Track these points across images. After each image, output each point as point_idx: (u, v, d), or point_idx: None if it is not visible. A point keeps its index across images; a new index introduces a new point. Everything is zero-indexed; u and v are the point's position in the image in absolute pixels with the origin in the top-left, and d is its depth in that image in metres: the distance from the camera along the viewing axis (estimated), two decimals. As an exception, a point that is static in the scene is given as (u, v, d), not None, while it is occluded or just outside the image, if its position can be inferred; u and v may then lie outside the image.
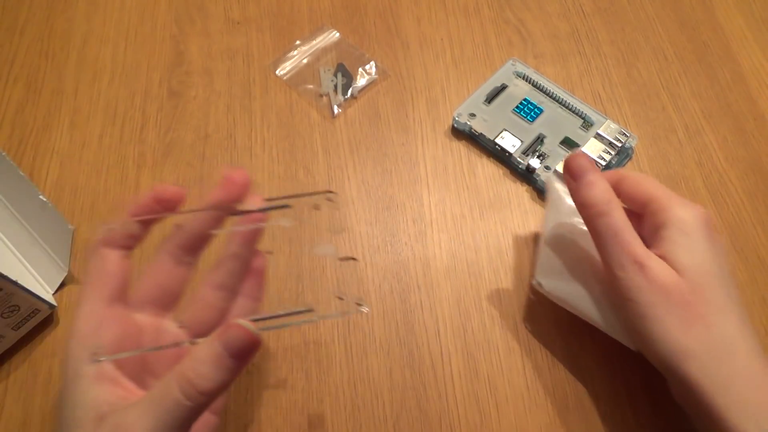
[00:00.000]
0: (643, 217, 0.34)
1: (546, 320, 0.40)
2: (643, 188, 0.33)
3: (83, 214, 0.44)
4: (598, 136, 0.45)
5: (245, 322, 0.24)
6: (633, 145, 0.45)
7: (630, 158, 0.46)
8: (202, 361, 0.23)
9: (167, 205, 0.29)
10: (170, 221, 0.30)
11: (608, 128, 0.45)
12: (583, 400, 0.37)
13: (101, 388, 0.25)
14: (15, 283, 0.35)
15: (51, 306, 0.39)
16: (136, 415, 0.24)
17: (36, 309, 0.38)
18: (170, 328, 0.31)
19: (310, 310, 0.29)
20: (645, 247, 0.31)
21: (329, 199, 0.32)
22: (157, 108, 0.49)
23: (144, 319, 0.30)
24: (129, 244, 0.29)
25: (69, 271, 0.41)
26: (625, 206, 0.34)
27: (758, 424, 0.27)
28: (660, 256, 0.31)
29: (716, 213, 0.44)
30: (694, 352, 0.29)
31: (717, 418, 0.28)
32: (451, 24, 0.53)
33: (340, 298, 0.32)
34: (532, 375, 0.38)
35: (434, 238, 0.43)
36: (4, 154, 0.39)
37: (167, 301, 0.31)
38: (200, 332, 0.30)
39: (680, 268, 0.30)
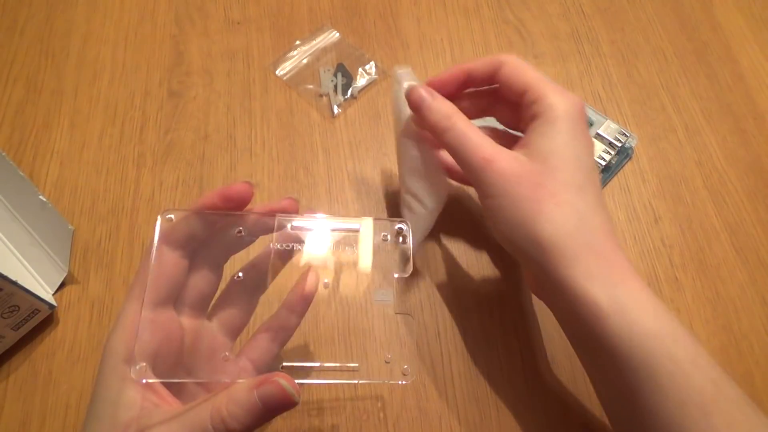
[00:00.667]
0: (520, 107, 0.34)
1: (546, 320, 0.40)
2: (521, 76, 0.33)
3: (83, 214, 0.44)
4: (598, 136, 0.45)
5: (285, 382, 0.25)
6: (633, 145, 0.45)
7: (630, 158, 0.46)
8: (238, 404, 0.24)
9: (234, 204, 0.29)
10: (233, 224, 0.29)
11: (608, 128, 0.45)
12: (583, 400, 0.37)
13: (136, 391, 0.26)
14: (15, 283, 0.35)
15: (51, 306, 0.39)
16: (165, 429, 0.25)
17: (36, 309, 0.38)
18: (208, 329, 0.31)
19: (355, 370, 0.28)
20: (494, 145, 0.32)
21: (399, 231, 0.30)
22: (157, 108, 0.49)
23: (186, 321, 0.30)
24: (188, 244, 0.29)
25: (69, 271, 0.41)
26: (504, 96, 0.35)
27: (606, 291, 0.28)
28: (523, 146, 0.32)
29: (716, 213, 0.44)
30: (544, 230, 0.29)
31: (567, 290, 0.29)
32: (451, 24, 0.53)
33: (387, 361, 0.30)
34: (532, 375, 0.38)
35: (434, 238, 0.43)
36: (4, 154, 0.39)
37: (204, 304, 0.31)
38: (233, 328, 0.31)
39: (537, 154, 0.31)
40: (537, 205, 0.30)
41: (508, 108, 0.36)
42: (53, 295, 0.40)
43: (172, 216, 0.29)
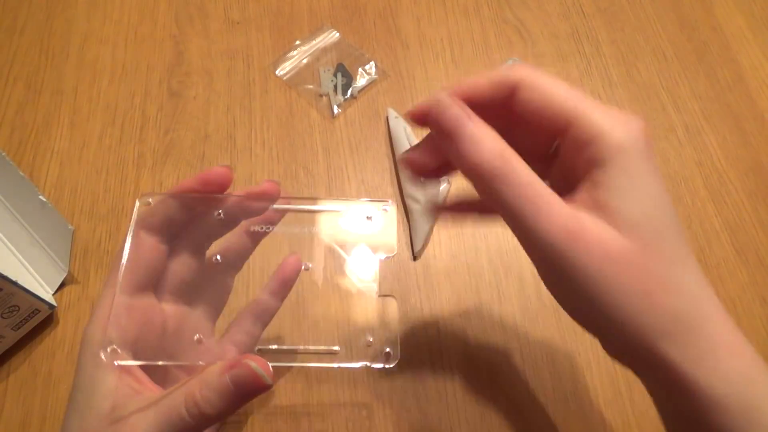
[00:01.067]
0: (559, 142, 0.25)
1: (546, 320, 0.40)
2: (550, 102, 0.24)
3: (83, 214, 0.44)
4: (598, 136, 0.45)
5: (255, 365, 0.24)
6: (633, 145, 0.45)
7: (630, 158, 0.46)
8: (211, 388, 0.24)
9: (214, 188, 0.28)
10: (213, 208, 0.29)
11: (608, 128, 0.45)
12: (583, 399, 0.37)
13: (118, 378, 0.25)
14: (15, 283, 0.35)
15: (51, 306, 0.39)
16: (141, 417, 0.24)
17: (36, 309, 0.38)
18: (191, 314, 0.31)
19: (334, 353, 0.27)
20: (566, 205, 0.23)
21: (385, 210, 0.29)
22: (157, 108, 0.49)
23: (168, 307, 0.29)
24: (167, 229, 0.28)
25: (69, 271, 0.41)
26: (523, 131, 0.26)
27: (740, 395, 0.22)
28: (598, 208, 0.23)
29: (716, 213, 0.44)
30: (657, 328, 0.22)
31: (693, 394, 0.22)
32: (451, 24, 0.53)
33: (369, 344, 0.29)
34: (532, 374, 0.38)
35: (434, 238, 0.43)
36: (4, 154, 0.39)
37: (186, 290, 0.30)
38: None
39: (625, 223, 0.22)
40: (647, 299, 0.22)
41: (528, 135, 0.26)
42: (53, 295, 0.40)
43: (151, 200, 0.28)
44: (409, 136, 0.45)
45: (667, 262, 0.23)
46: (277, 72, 0.50)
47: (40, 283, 0.40)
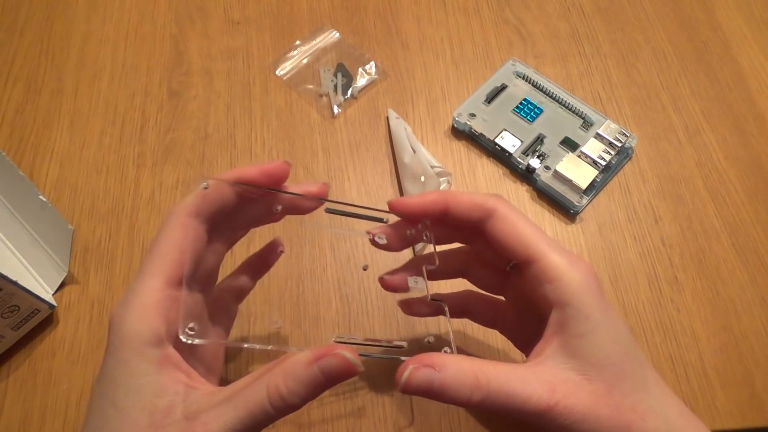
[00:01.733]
0: (518, 266, 0.29)
1: (546, 320, 0.40)
2: (519, 236, 0.28)
3: (83, 214, 0.44)
4: (598, 136, 0.45)
5: (349, 354, 0.24)
6: (633, 145, 0.45)
7: (630, 158, 0.46)
8: (298, 379, 0.24)
9: (272, 181, 0.28)
10: (266, 202, 0.29)
11: (608, 128, 0.45)
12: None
13: (168, 375, 0.24)
14: (15, 283, 0.35)
15: (51, 306, 0.39)
16: (218, 411, 0.23)
17: (36, 309, 0.38)
18: (221, 298, 0.32)
19: (401, 347, 0.28)
20: (546, 381, 0.25)
21: (425, 226, 0.30)
22: (157, 108, 0.49)
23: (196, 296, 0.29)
24: (215, 216, 0.27)
25: (69, 271, 0.41)
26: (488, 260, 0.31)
27: None
28: (567, 355, 0.26)
29: (716, 213, 0.44)
30: None
31: None
32: (451, 24, 0.53)
33: (429, 342, 0.30)
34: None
35: (434, 238, 0.43)
36: (4, 154, 0.39)
37: (213, 277, 0.31)
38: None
39: (593, 368, 0.26)
40: (627, 430, 0.25)
41: (488, 271, 0.32)
42: (53, 295, 0.40)
43: (207, 184, 0.27)
44: (409, 137, 0.45)
45: (632, 392, 0.26)
46: (277, 72, 0.50)
47: (40, 283, 0.40)
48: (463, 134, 0.47)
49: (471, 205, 0.29)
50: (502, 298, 0.34)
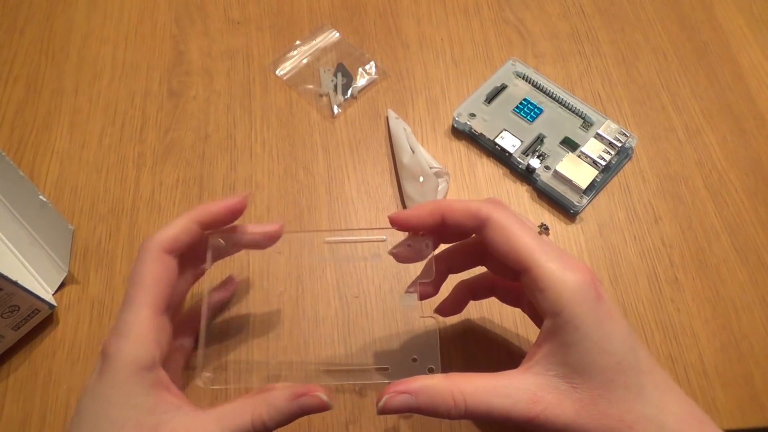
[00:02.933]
0: (519, 280, 0.29)
1: (546, 320, 0.40)
2: (511, 245, 0.28)
3: (83, 214, 0.44)
4: (598, 136, 0.45)
5: (324, 395, 0.27)
6: (633, 145, 0.45)
7: (630, 158, 0.46)
8: (279, 411, 0.27)
9: (236, 215, 0.32)
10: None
11: (608, 128, 0.45)
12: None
13: (159, 396, 0.27)
14: (15, 283, 0.35)
15: (51, 306, 0.39)
16: (205, 425, 0.27)
17: (36, 309, 0.38)
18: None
19: (385, 369, 0.30)
20: (529, 390, 0.26)
21: (427, 245, 0.32)
22: (157, 108, 0.49)
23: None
24: (185, 251, 0.30)
25: (69, 271, 0.41)
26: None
27: None
28: (558, 364, 0.27)
29: (716, 213, 0.44)
30: None
31: None
32: (451, 24, 0.53)
33: (414, 360, 0.31)
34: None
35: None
36: (4, 154, 0.39)
37: (181, 306, 0.35)
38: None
39: (579, 377, 0.26)
40: None
41: (501, 263, 0.31)
42: (53, 295, 0.40)
43: (221, 240, 0.32)
44: (408, 137, 0.45)
45: (621, 401, 0.26)
46: (277, 72, 0.50)
47: (40, 283, 0.40)
48: (463, 134, 0.47)
49: (465, 214, 0.29)
50: None
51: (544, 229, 0.32)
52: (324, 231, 0.31)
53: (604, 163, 0.43)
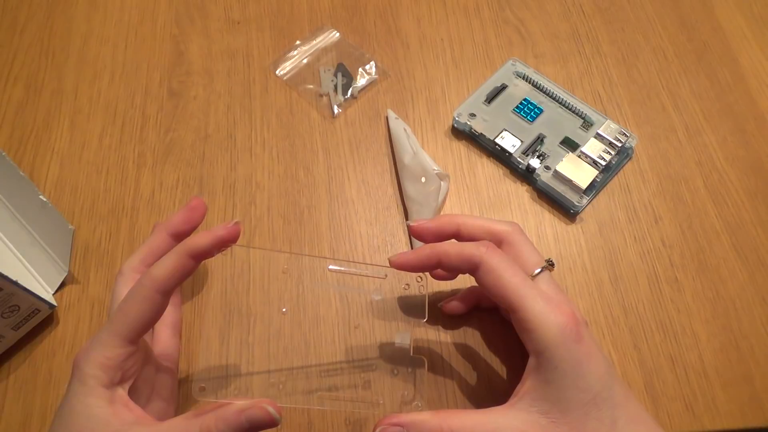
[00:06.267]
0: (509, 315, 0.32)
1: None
2: (502, 287, 0.30)
3: (83, 214, 0.44)
4: (598, 136, 0.45)
5: (271, 408, 0.28)
6: (633, 145, 0.45)
7: (630, 158, 0.46)
8: (227, 423, 0.28)
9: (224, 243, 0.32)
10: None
11: (608, 128, 0.45)
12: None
13: (114, 410, 0.29)
14: (15, 283, 0.35)
15: (51, 306, 0.39)
16: None
17: (36, 309, 0.38)
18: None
19: (378, 404, 0.33)
20: (510, 428, 0.29)
21: (419, 280, 0.34)
22: (157, 108, 0.49)
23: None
24: (177, 286, 0.31)
25: (69, 271, 0.41)
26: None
27: None
28: (536, 398, 0.29)
29: (716, 213, 0.44)
30: None
31: None
32: (451, 24, 0.53)
33: (403, 399, 0.33)
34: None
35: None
36: (4, 154, 0.39)
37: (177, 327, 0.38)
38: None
39: (558, 412, 0.29)
40: None
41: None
42: (53, 294, 0.40)
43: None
44: (409, 137, 0.45)
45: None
46: (277, 72, 0.50)
47: (40, 282, 0.40)
48: (463, 134, 0.47)
49: (460, 259, 0.32)
50: None
51: (549, 264, 0.33)
52: (329, 258, 0.34)
53: (604, 163, 0.43)
